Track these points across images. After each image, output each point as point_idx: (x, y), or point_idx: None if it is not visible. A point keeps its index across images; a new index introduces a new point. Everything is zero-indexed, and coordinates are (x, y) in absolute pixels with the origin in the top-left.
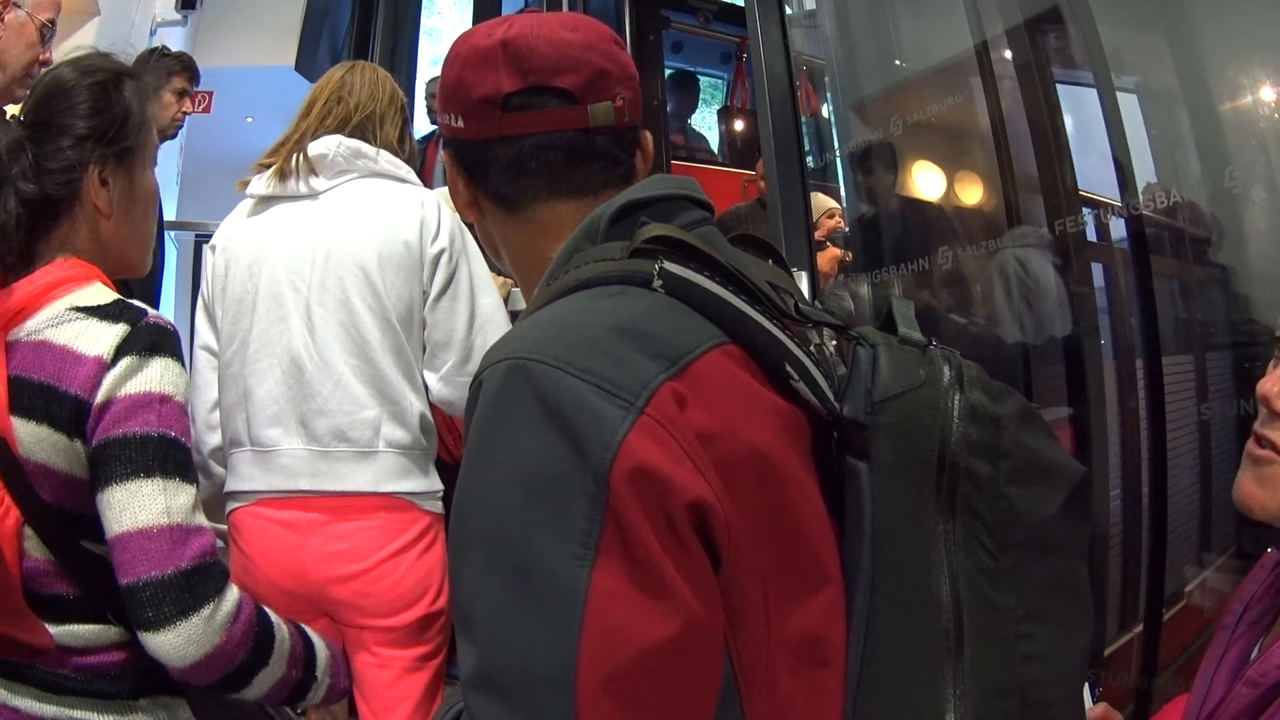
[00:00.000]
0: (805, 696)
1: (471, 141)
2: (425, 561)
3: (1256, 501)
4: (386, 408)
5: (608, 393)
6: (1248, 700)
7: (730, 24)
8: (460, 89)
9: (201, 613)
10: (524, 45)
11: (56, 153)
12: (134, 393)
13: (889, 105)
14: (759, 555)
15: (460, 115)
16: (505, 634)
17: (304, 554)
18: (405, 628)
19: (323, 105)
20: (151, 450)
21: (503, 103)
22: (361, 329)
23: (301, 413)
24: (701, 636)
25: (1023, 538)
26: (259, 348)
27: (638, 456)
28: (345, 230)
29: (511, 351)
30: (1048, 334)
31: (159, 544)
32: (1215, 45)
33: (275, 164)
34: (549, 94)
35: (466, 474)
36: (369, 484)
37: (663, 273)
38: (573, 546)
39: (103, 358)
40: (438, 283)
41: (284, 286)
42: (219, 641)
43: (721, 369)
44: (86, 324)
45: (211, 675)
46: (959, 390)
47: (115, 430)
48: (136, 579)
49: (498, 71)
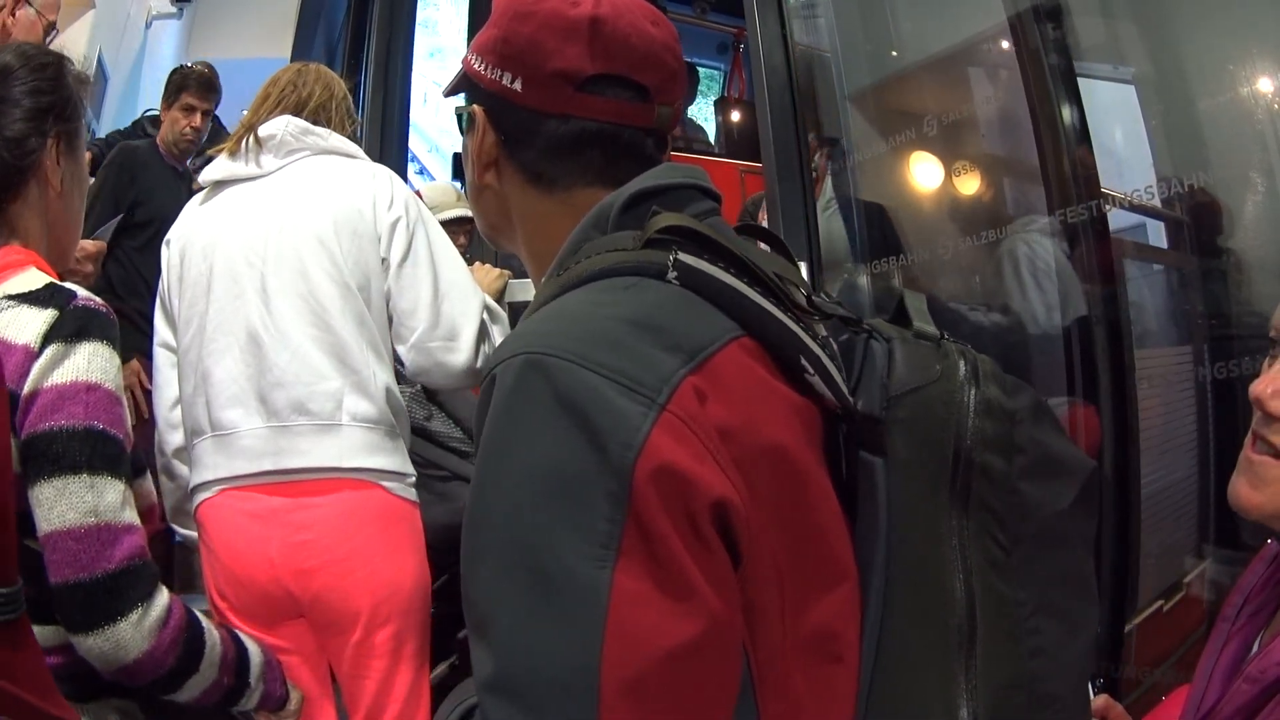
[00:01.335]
0: (818, 692)
1: (523, 108)
2: (398, 553)
3: (1253, 503)
4: (349, 378)
5: (628, 389)
6: (1247, 696)
7: (726, 14)
8: (532, 53)
9: (130, 618)
10: (615, 30)
11: (17, 123)
12: (60, 383)
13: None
14: (777, 551)
15: (521, 78)
16: (524, 637)
17: (269, 546)
18: (379, 624)
19: (277, 97)
20: (79, 444)
21: (581, 82)
22: (320, 297)
23: (260, 388)
24: (722, 636)
25: (1034, 532)
26: (215, 327)
27: (661, 455)
28: (299, 204)
29: (526, 346)
30: (1063, 320)
31: (85, 545)
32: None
33: (225, 148)
34: (626, 85)
35: (482, 472)
36: (332, 459)
37: (677, 264)
38: (593, 547)
39: (30, 346)
40: (396, 250)
41: (239, 264)
42: (147, 647)
43: (738, 363)
44: (17, 311)
45: (141, 679)
46: (974, 385)
47: (42, 424)
48: (64, 580)
49: (581, 48)
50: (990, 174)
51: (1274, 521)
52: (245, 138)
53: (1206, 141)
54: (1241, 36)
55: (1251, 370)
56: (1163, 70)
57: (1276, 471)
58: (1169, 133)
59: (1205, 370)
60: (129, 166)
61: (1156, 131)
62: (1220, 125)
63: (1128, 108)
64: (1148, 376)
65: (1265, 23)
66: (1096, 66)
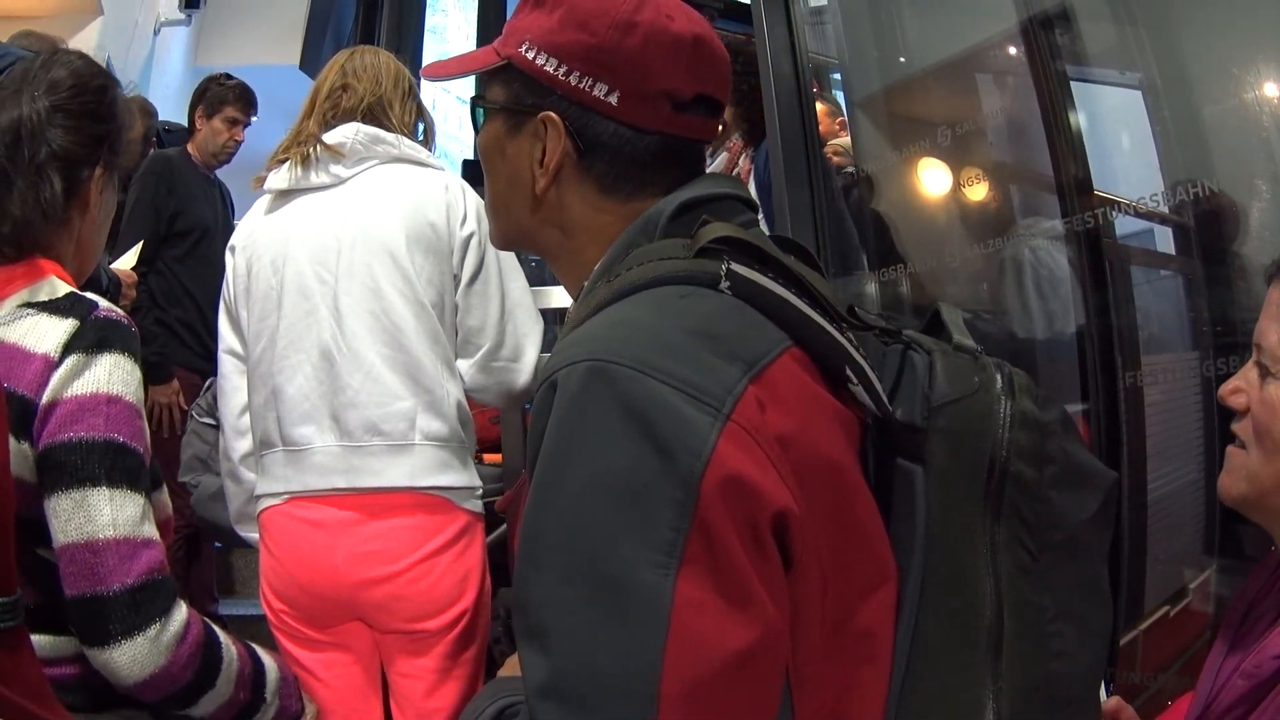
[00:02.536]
0: (851, 690)
1: (613, 120)
2: (462, 564)
3: (1223, 487)
4: (421, 398)
5: (693, 398)
6: (1242, 691)
7: (736, 21)
8: (639, 67)
9: (148, 632)
10: (711, 50)
11: (71, 146)
12: (81, 394)
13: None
14: (824, 556)
15: (619, 91)
16: (583, 644)
17: (335, 555)
18: (439, 632)
19: (327, 95)
20: (98, 457)
21: (682, 102)
22: (393, 316)
23: (333, 407)
24: (775, 642)
25: (1060, 539)
26: (287, 344)
27: (729, 465)
28: (370, 216)
29: (589, 353)
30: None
31: (105, 558)
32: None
33: (291, 157)
34: (708, 105)
35: (543, 477)
36: (405, 478)
37: (730, 274)
38: (658, 554)
39: (50, 355)
40: (469, 267)
41: (309, 279)
42: (164, 662)
43: (791, 372)
44: (37, 320)
45: (156, 694)
46: (1010, 398)
47: (62, 434)
48: (81, 593)
49: (685, 68)
50: (996, 180)
51: (1241, 506)
52: (313, 145)
53: (1213, 147)
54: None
55: None
56: (1169, 76)
57: (1239, 459)
58: (1177, 138)
59: (1211, 376)
60: (166, 177)
61: (1163, 136)
62: (1228, 131)
63: (1135, 113)
64: (1153, 382)
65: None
66: (1102, 72)
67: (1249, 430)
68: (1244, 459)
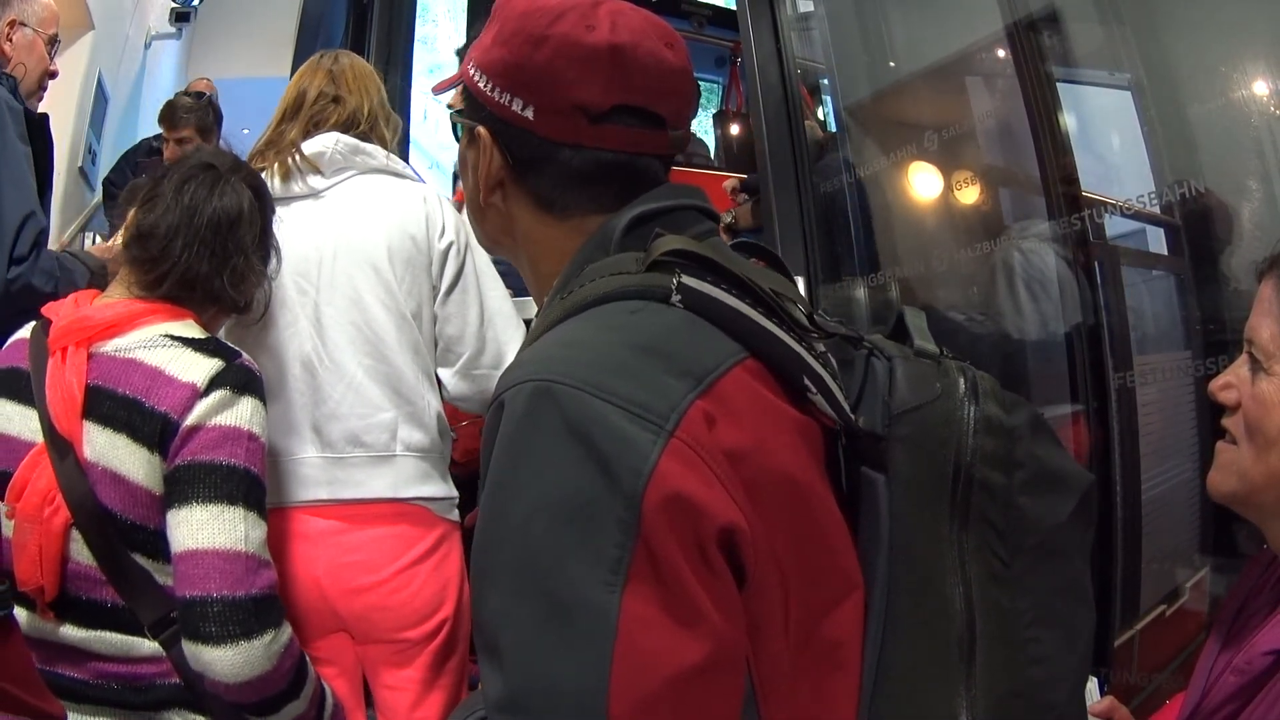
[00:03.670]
0: (821, 701)
1: (534, 135)
2: (442, 573)
3: (1212, 484)
4: (403, 409)
5: (637, 416)
6: (1233, 688)
7: (723, 28)
8: (547, 81)
9: (263, 638)
10: (634, 59)
11: (253, 273)
12: (226, 424)
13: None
14: (785, 568)
15: (534, 106)
16: (534, 661)
17: (317, 566)
18: (421, 641)
19: (314, 101)
20: (237, 480)
21: (598, 114)
22: (375, 327)
23: (315, 419)
24: (728, 656)
25: (1033, 544)
26: (267, 355)
27: (670, 482)
28: (351, 228)
29: (535, 373)
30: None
31: (235, 566)
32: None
33: (268, 165)
34: (642, 115)
35: (491, 498)
36: (387, 490)
37: (681, 287)
38: (603, 572)
39: (196, 385)
40: (448, 277)
41: (289, 289)
42: (269, 668)
43: (744, 384)
44: (180, 351)
45: (252, 696)
46: (974, 402)
47: (204, 454)
48: (206, 593)
49: (599, 79)
50: (987, 182)
51: (1231, 502)
52: (293, 155)
53: (1203, 146)
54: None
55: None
56: (1158, 76)
57: (1229, 455)
58: (1167, 138)
59: (1203, 375)
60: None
61: (1153, 137)
62: (1218, 130)
63: (1124, 113)
64: (1146, 382)
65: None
66: (1091, 73)
67: (1240, 426)
68: (1234, 455)
